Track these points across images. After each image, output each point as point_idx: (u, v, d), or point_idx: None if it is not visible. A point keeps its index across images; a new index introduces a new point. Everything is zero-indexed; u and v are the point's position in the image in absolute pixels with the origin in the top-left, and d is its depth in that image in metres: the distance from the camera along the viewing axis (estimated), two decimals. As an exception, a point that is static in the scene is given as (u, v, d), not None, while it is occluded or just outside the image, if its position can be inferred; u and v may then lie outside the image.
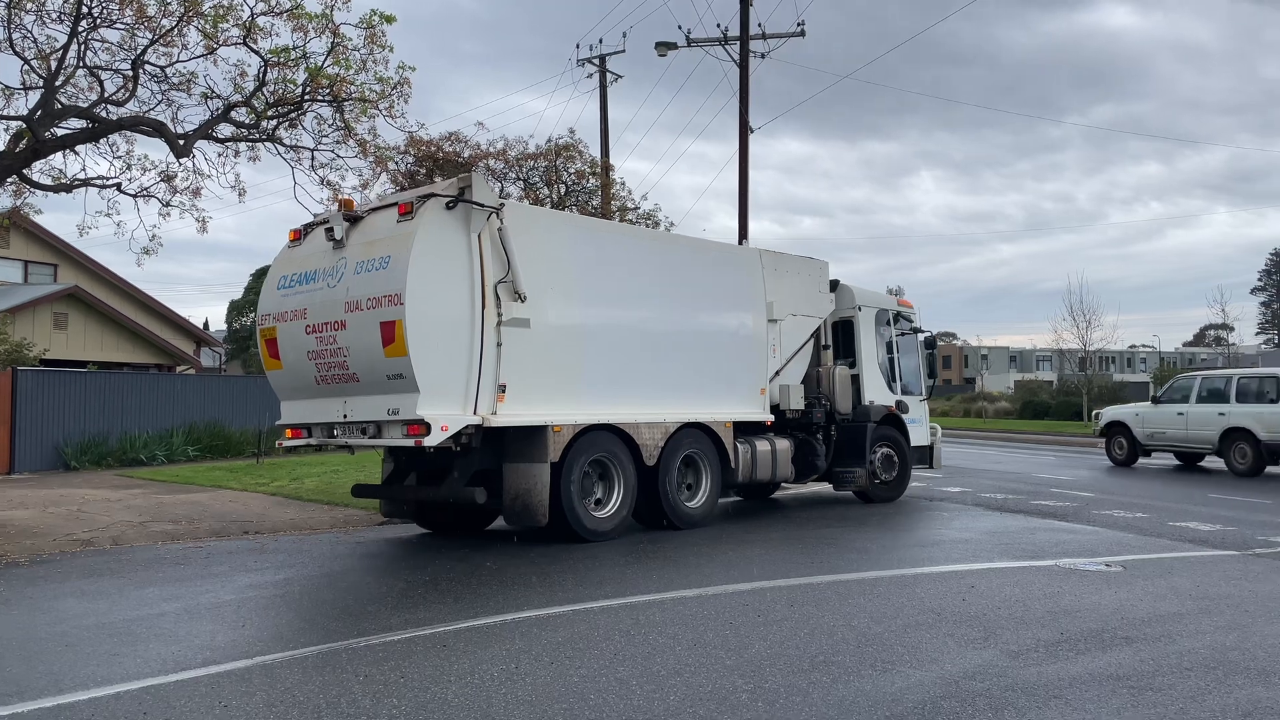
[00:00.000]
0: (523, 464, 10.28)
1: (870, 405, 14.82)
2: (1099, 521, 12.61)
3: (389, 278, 9.34)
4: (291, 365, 10.39)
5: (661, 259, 12.03)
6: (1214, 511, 13.74)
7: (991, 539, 11.25)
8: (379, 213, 10.14)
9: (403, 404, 9.36)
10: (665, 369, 11.71)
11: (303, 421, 10.50)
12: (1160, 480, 19.28)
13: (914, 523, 12.84)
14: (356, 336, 9.61)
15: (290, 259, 10.72)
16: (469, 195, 9.74)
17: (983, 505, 14.57)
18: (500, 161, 28.27)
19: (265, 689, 5.51)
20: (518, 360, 9.95)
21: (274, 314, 10.57)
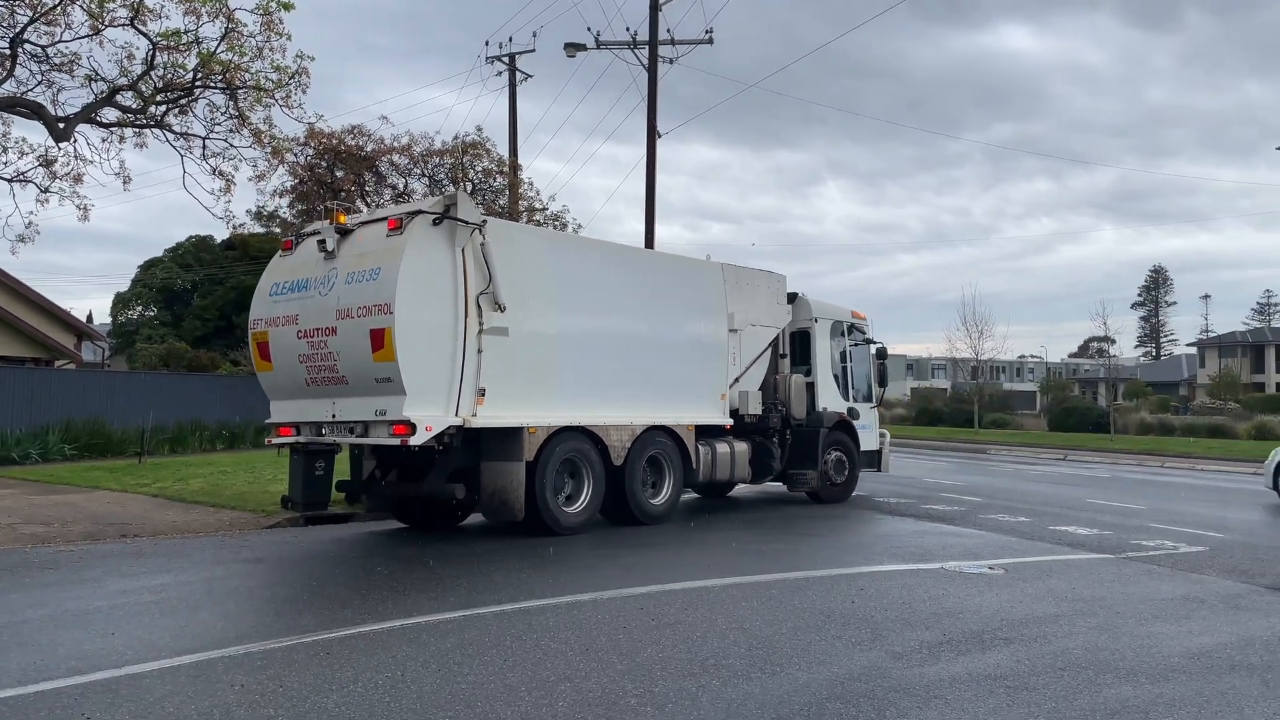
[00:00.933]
0: (500, 462, 10.95)
1: (824, 411, 15.63)
2: (985, 525, 13.03)
3: (379, 288, 10.01)
4: (282, 367, 11.01)
5: (631, 272, 12.80)
6: (1093, 517, 14.33)
7: (883, 542, 11.52)
8: (368, 226, 10.77)
9: (390, 405, 10.04)
10: (633, 375, 12.45)
11: (292, 420, 11.10)
12: (1044, 484, 20.04)
13: (811, 527, 13.04)
14: (347, 342, 10.26)
15: (282, 267, 11.33)
16: (454, 212, 10.40)
17: (876, 509, 14.91)
18: (405, 157, 27.83)
19: (132, 701, 5.26)
20: (497, 366, 10.63)
21: (266, 319, 11.19)
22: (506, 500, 10.95)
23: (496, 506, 11.04)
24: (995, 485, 19.72)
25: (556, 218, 29.87)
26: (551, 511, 11.33)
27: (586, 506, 11.79)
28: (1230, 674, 6.02)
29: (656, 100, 25.04)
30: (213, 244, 53.67)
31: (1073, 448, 35.84)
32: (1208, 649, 6.61)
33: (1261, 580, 9.27)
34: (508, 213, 28.53)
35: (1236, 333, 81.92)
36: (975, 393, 51.44)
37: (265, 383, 11.44)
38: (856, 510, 14.85)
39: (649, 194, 23.64)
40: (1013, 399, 71.26)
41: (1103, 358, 63.02)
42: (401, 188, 28.56)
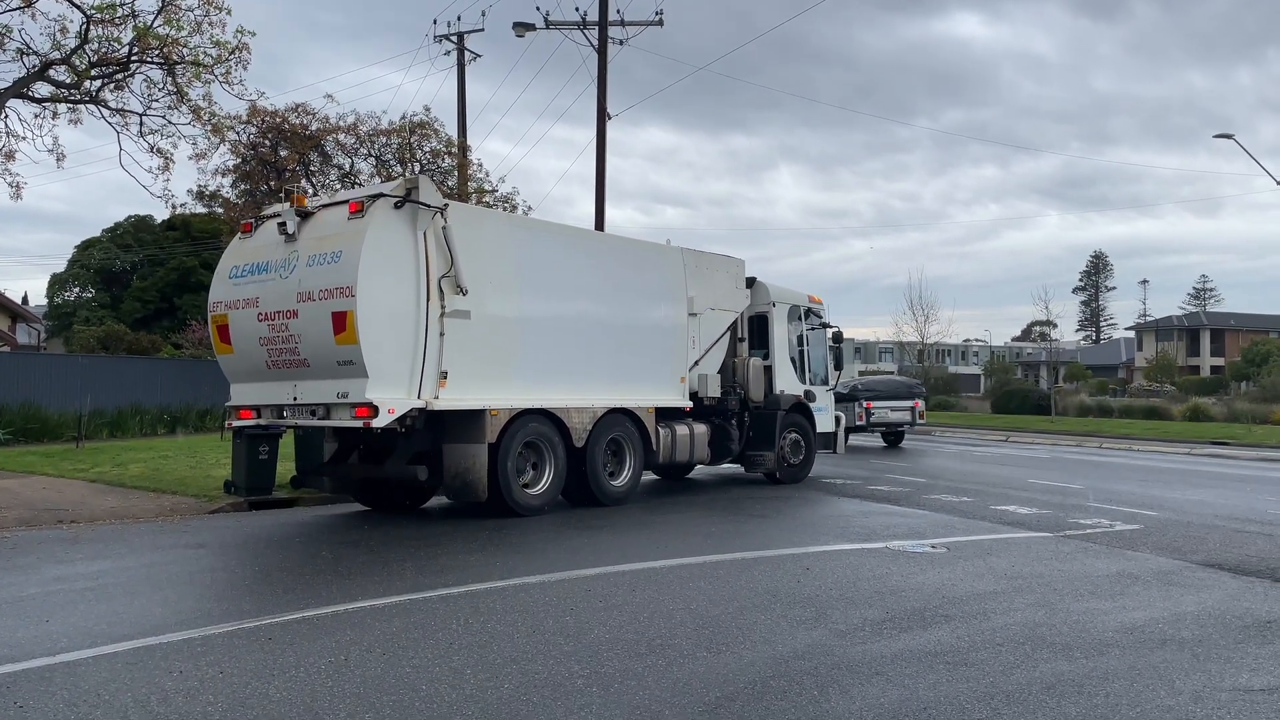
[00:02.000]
0: (462, 444, 11.10)
1: (781, 394, 15.93)
2: (929, 505, 13.24)
3: (340, 271, 10.07)
4: (243, 350, 11.05)
5: (592, 256, 12.98)
6: (1033, 496, 14.62)
7: (829, 522, 11.65)
8: (329, 209, 10.82)
9: (352, 388, 10.16)
10: (594, 358, 12.64)
11: (253, 403, 11.18)
12: (987, 464, 20.42)
13: (759, 508, 13.14)
14: (308, 325, 10.33)
15: (242, 250, 11.34)
16: (416, 195, 10.49)
17: (824, 490, 15.08)
18: (351, 136, 27.36)
19: (67, 689, 5.14)
20: (459, 349, 10.77)
21: (225, 301, 11.20)
22: (469, 482, 11.12)
23: (459, 488, 11.20)
24: (939, 466, 20.04)
25: (506, 199, 29.59)
26: (514, 493, 11.48)
27: (548, 488, 11.97)
28: (1162, 648, 6.19)
29: (606, 82, 24.92)
30: (153, 224, 52.40)
31: (1015, 429, 36.53)
32: (1141, 624, 6.79)
33: (1193, 557, 9.53)
34: (456, 194, 28.23)
35: (1173, 317, 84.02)
36: (921, 376, 52.08)
37: (225, 365, 11.47)
38: (804, 491, 14.99)
39: (599, 176, 23.54)
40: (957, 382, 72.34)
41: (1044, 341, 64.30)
42: (348, 168, 28.10)
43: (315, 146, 26.72)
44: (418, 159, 28.08)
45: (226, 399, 11.65)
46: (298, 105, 26.71)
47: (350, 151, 27.58)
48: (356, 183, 28.42)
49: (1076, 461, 22.68)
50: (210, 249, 46.34)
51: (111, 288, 51.54)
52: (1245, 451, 27.28)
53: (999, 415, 46.07)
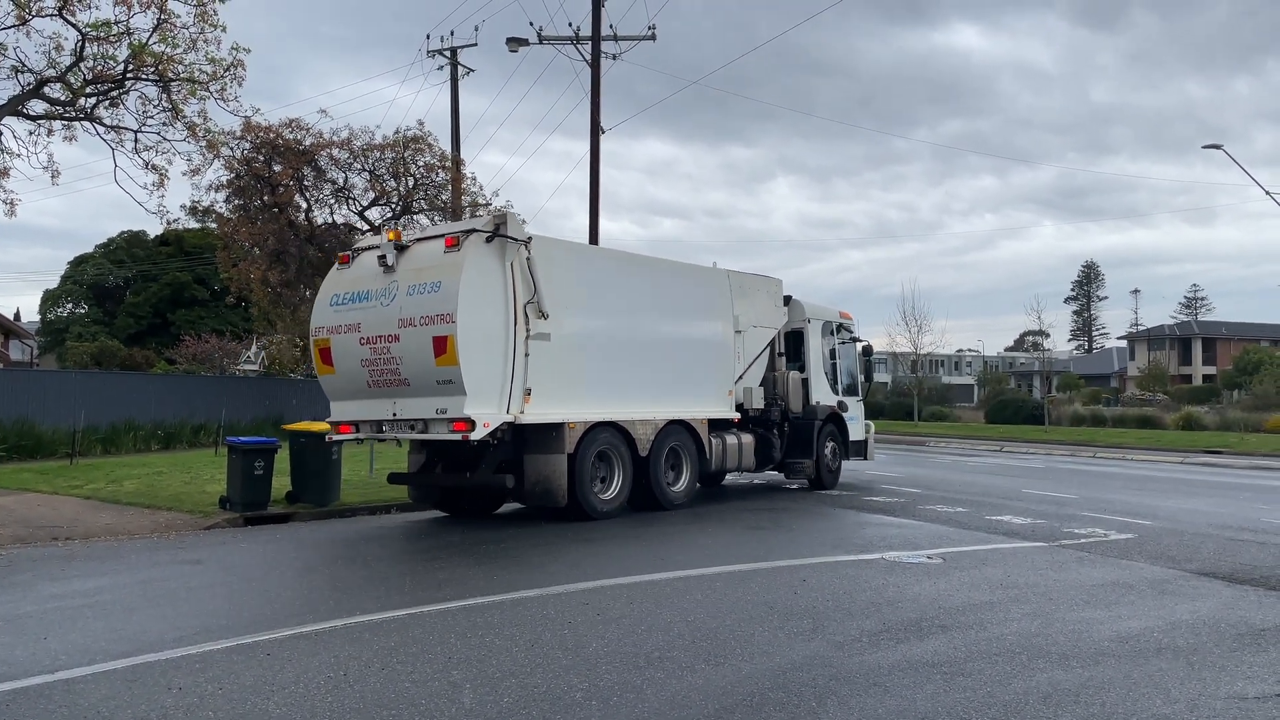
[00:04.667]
0: (543, 455, 12.21)
1: (817, 405, 17.06)
2: (924, 516, 13.28)
3: (441, 299, 11.15)
4: (344, 371, 12.06)
5: (649, 279, 14.14)
6: (1028, 506, 14.66)
7: (826, 534, 11.69)
8: (424, 243, 11.90)
9: (450, 404, 11.20)
10: (654, 374, 13.83)
11: (353, 419, 12.18)
12: (981, 475, 20.45)
13: (756, 520, 13.17)
14: (409, 348, 11.37)
15: (341, 279, 12.40)
16: (504, 230, 11.59)
17: (820, 501, 15.11)
18: (345, 151, 27.41)
19: (66, 706, 5.14)
20: (541, 368, 11.88)
21: (328, 326, 12.22)
22: (550, 489, 12.19)
23: (540, 494, 12.25)
24: (934, 476, 20.09)
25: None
26: (589, 498, 12.54)
27: (618, 493, 13.04)
28: (1157, 657, 6.22)
29: (600, 95, 25.01)
30: (146, 239, 52.35)
31: (1009, 439, 36.61)
32: (1136, 633, 6.82)
33: (1188, 566, 9.57)
34: (450, 207, 28.29)
35: (1165, 326, 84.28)
36: (915, 386, 52.31)
37: (327, 385, 12.49)
38: (800, 503, 15.02)
39: (593, 189, 23.60)
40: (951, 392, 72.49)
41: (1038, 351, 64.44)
42: (341, 182, 28.14)
43: (309, 161, 26.77)
44: (411, 173, 28.14)
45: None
46: (291, 120, 26.80)
47: (344, 166, 27.63)
48: (350, 198, 28.44)
49: (1070, 471, 22.75)
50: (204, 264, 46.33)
51: (104, 303, 51.44)
52: (1238, 460, 27.37)
53: (993, 425, 46.15)
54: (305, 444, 13.70)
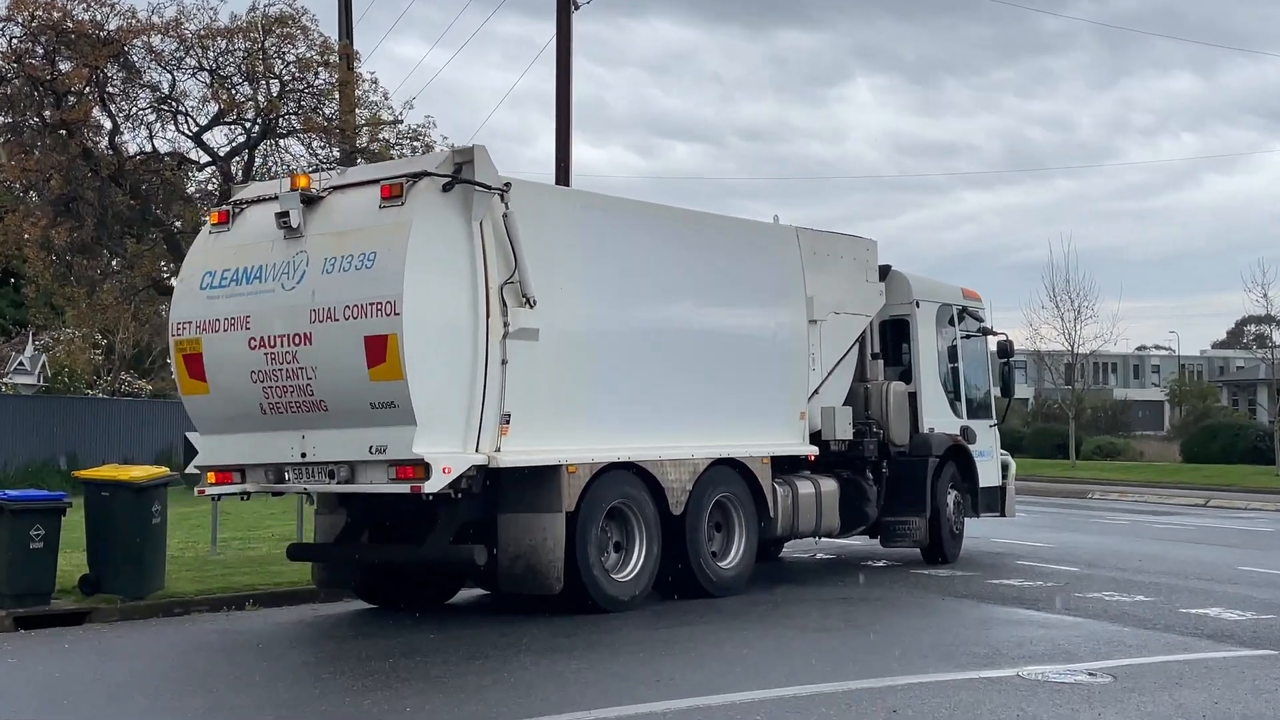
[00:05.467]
0: (527, 514, 12.17)
1: (931, 433, 17.13)
2: (1082, 608, 13.29)
3: (377, 280, 11.10)
4: (224, 389, 12.10)
5: (683, 243, 14.23)
6: (1246, 592, 14.69)
7: (929, 635, 11.71)
8: (347, 192, 11.96)
9: (391, 439, 11.17)
10: (690, 388, 13.90)
11: (236, 462, 12.22)
12: (1174, 544, 20.46)
13: (817, 613, 13.21)
14: (327, 354, 11.33)
15: (218, 249, 12.46)
16: (469, 173, 11.57)
17: (917, 585, 15.20)
18: (172, 39, 27.51)
19: None
20: (525, 382, 11.90)
21: (198, 321, 12.23)
22: (537, 565, 12.09)
23: (521, 574, 12.20)
24: (1100, 547, 20.11)
25: (416, 134, 29.75)
26: (596, 579, 12.50)
27: (639, 571, 13.09)
28: None
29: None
30: None
31: (1218, 487, 36.64)
32: None
33: None
34: (338, 126, 28.35)
35: None
36: (1072, 404, 52.32)
37: (196, 410, 12.54)
38: (890, 586, 15.08)
39: (561, 98, 23.57)
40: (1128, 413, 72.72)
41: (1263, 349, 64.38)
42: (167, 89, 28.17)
43: (115, 56, 26.82)
44: (276, 74, 28.19)
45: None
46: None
47: (170, 63, 27.68)
48: (181, 112, 28.51)
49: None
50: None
51: None
52: None
53: (1194, 466, 46.22)
54: (111, 500, 13.68)
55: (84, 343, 34.21)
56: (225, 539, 18.20)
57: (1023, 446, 54.27)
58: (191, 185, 30.54)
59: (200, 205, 29.78)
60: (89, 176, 26.69)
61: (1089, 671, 9.91)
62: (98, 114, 28.15)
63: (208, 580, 14.81)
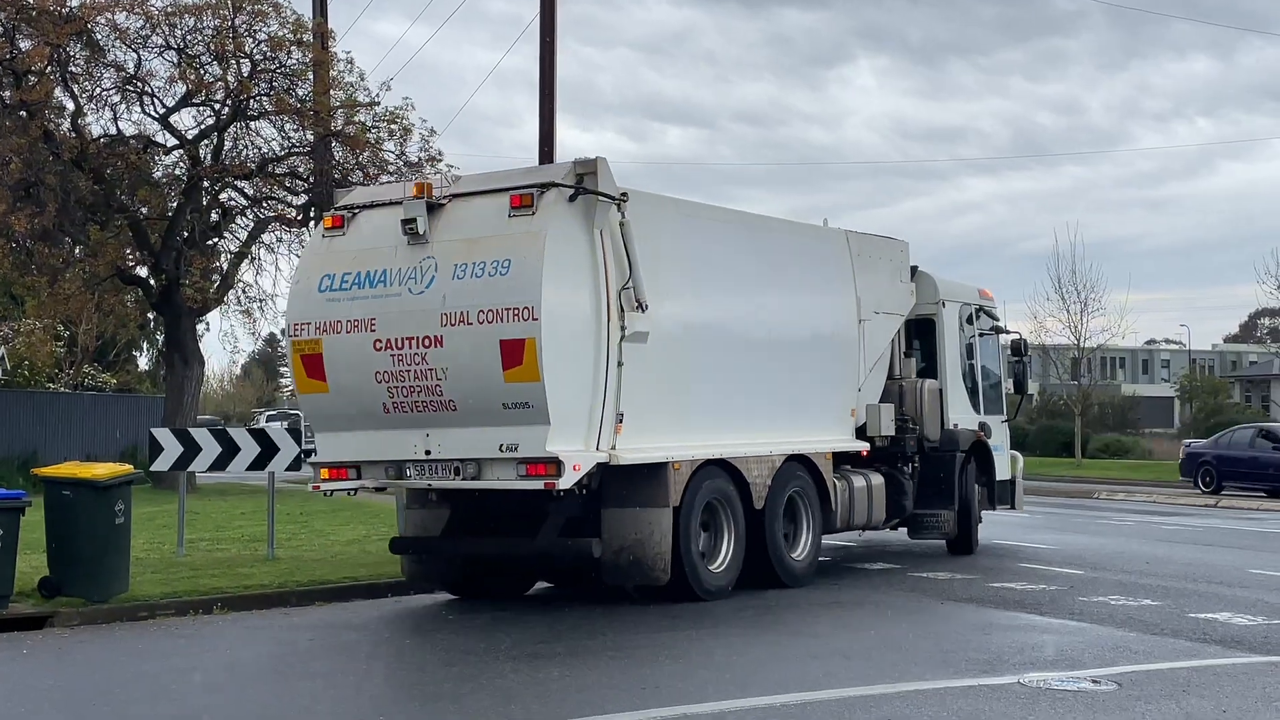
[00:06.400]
0: (634, 509, 13.20)
1: (957, 429, 18.45)
2: (1086, 613, 13.32)
3: (513, 286, 12.13)
4: (346, 389, 13.07)
5: (755, 247, 15.48)
6: (1256, 596, 14.74)
7: (926, 642, 11.73)
8: (469, 200, 13.03)
9: (523, 438, 12.24)
10: (764, 387, 15.17)
11: (354, 459, 13.26)
12: (1182, 545, 20.51)
13: (809, 618, 13.26)
14: (459, 356, 12.39)
15: (336, 253, 13.43)
16: (592, 184, 12.63)
17: (915, 589, 15.24)
18: (137, 17, 27.45)
19: None
20: (636, 382, 13.01)
21: (317, 323, 13.20)
22: (643, 558, 13.12)
23: (627, 566, 13.25)
24: (1106, 548, 20.17)
25: (394, 116, 29.69)
26: (697, 571, 13.71)
27: (729, 563, 14.29)
28: None
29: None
30: None
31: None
32: None
33: None
34: (311, 108, 28.30)
35: None
36: (1078, 400, 52.42)
37: (313, 408, 13.73)
38: (882, 590, 15.13)
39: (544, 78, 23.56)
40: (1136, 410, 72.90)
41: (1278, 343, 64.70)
42: (132, 68, 28.10)
43: (78, 33, 26.74)
44: (247, 53, 28.13)
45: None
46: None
47: (136, 42, 27.60)
48: (147, 93, 28.44)
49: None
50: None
51: None
52: None
53: (1204, 464, 46.29)
54: (72, 499, 13.67)
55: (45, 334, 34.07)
56: (192, 540, 18.19)
57: (1027, 444, 54.19)
58: (158, 169, 30.46)
59: (167, 190, 29.73)
60: (50, 160, 26.60)
61: (1093, 679, 9.92)
62: (59, 94, 28.13)
63: (174, 583, 14.79)
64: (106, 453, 31.87)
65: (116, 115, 28.99)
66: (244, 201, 30.93)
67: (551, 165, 13.51)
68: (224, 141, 29.59)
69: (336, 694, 9.82)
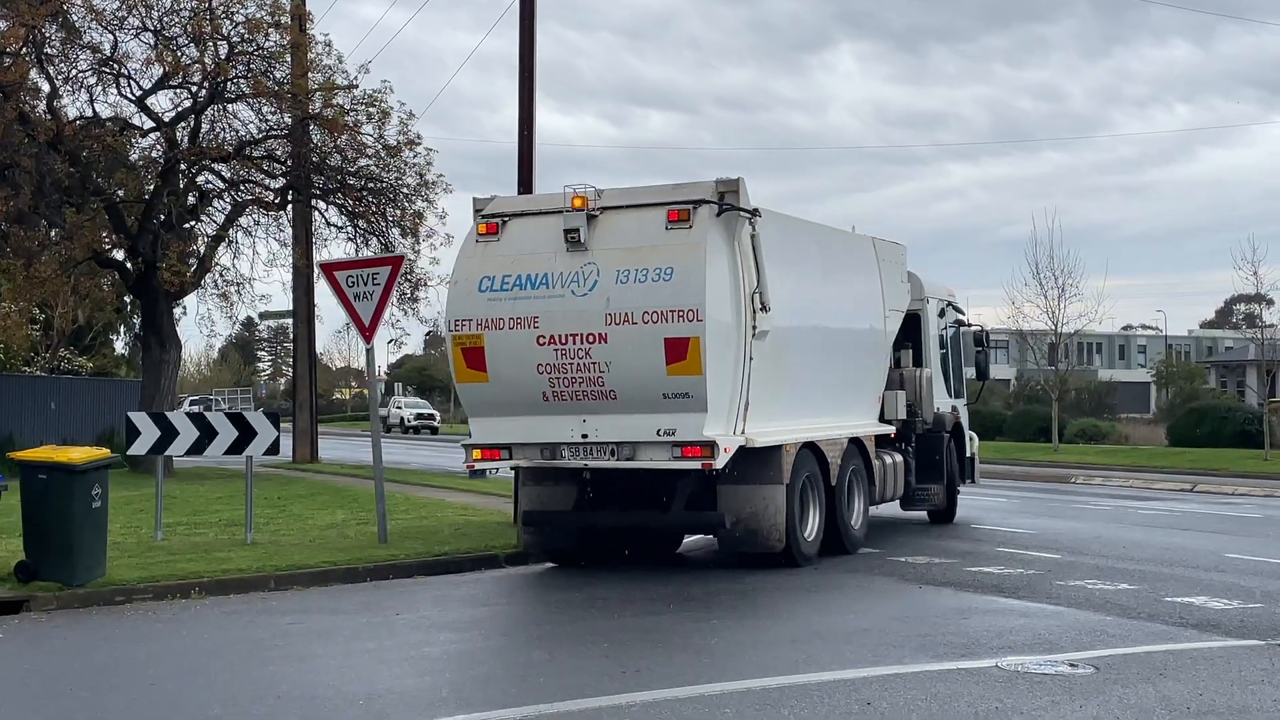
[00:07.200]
0: (750, 485, 14.97)
1: (941, 412, 20.79)
2: (1063, 597, 13.40)
3: (677, 291, 13.87)
4: (507, 379, 14.62)
5: (822, 253, 17.40)
6: (1232, 580, 14.81)
7: (904, 626, 11.78)
8: (622, 213, 14.70)
9: (680, 424, 14.01)
10: (830, 378, 17.15)
11: (508, 441, 14.80)
12: (1159, 530, 20.63)
13: (786, 601, 13.33)
14: (624, 351, 14.03)
15: (494, 256, 14.90)
16: (735, 200, 14.47)
17: (893, 574, 15.34)
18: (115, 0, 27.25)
19: None
20: (760, 374, 14.77)
21: (478, 320, 14.71)
22: (758, 529, 14.95)
23: (742, 535, 15.10)
24: (1083, 533, 20.27)
25: (372, 100, 29.58)
26: (800, 540, 15.47)
27: (816, 534, 16.13)
28: None
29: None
30: None
31: (1205, 471, 36.94)
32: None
33: None
34: (289, 91, 28.17)
35: None
36: (1055, 386, 52.50)
37: (472, 396, 15.15)
38: (862, 574, 15.22)
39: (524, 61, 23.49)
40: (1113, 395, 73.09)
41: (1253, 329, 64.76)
42: (109, 49, 27.93)
43: (54, 14, 26.57)
44: (224, 35, 27.98)
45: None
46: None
47: (112, 24, 27.42)
48: (123, 75, 28.26)
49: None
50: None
51: None
52: None
53: (1180, 449, 46.50)
54: (48, 483, 13.59)
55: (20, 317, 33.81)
56: (169, 524, 18.14)
57: (1004, 429, 54.60)
58: (134, 152, 30.22)
59: (144, 173, 29.57)
60: (25, 142, 26.40)
61: (1070, 662, 9.99)
62: (35, 76, 27.92)
63: (151, 567, 14.74)
64: (83, 437, 31.78)
65: (93, 97, 28.84)
66: (221, 184, 30.73)
67: (697, 183, 14.84)
68: (201, 124, 29.38)
69: (315, 678, 9.82)
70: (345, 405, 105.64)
